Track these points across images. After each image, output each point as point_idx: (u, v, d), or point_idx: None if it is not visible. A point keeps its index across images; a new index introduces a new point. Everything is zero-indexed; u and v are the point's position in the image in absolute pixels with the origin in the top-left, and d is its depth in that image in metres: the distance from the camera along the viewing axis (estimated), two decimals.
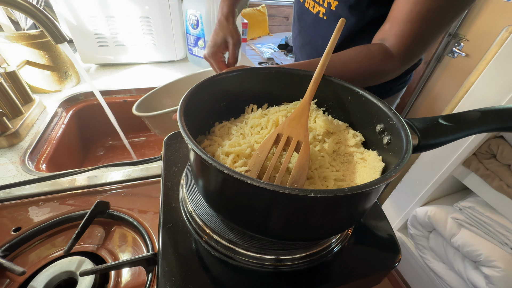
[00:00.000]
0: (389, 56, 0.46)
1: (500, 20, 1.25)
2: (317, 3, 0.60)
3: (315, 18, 0.62)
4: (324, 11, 0.59)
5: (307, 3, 0.64)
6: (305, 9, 0.65)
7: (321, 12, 0.60)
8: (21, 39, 0.74)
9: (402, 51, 0.46)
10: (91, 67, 1.05)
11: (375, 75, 0.48)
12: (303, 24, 0.67)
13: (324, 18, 0.59)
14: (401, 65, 0.48)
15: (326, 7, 0.58)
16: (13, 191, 0.51)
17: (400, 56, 0.46)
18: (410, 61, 0.48)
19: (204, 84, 0.36)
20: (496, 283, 0.81)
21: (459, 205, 0.94)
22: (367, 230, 0.39)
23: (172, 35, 1.04)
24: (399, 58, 0.47)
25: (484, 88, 0.81)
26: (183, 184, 0.40)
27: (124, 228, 0.48)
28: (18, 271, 0.37)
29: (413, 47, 0.46)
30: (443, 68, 1.54)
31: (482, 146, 0.84)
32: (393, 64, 0.47)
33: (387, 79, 0.51)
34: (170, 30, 1.02)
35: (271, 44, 2.91)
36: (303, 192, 0.21)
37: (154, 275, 0.40)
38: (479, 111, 0.33)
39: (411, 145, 0.28)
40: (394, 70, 0.49)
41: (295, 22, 0.72)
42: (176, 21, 1.01)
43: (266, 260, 0.33)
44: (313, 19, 0.63)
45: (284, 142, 0.32)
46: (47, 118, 0.74)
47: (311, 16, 0.63)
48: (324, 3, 0.58)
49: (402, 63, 0.48)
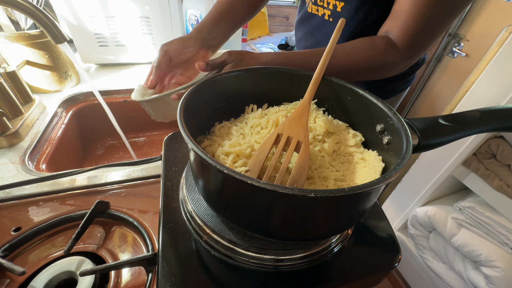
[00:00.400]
0: (394, 48, 0.46)
1: (500, 20, 1.25)
2: (321, 6, 0.60)
3: (321, 20, 0.62)
4: (329, 13, 0.59)
5: (310, 8, 0.64)
6: (309, 14, 0.65)
7: (327, 14, 0.60)
8: (21, 39, 0.74)
9: (407, 43, 0.46)
10: (91, 67, 1.05)
11: (379, 68, 0.48)
12: (308, 27, 0.67)
13: (330, 20, 0.60)
14: (406, 58, 0.48)
15: (332, 9, 0.58)
16: (13, 191, 0.51)
17: (404, 48, 0.46)
18: (414, 54, 0.48)
19: (204, 84, 0.36)
20: (496, 283, 0.81)
21: (459, 205, 0.94)
22: (367, 230, 0.39)
23: (172, 35, 1.04)
24: (404, 51, 0.46)
25: (484, 88, 0.81)
26: (183, 184, 0.40)
27: (124, 228, 0.48)
28: (18, 271, 0.37)
29: (417, 39, 0.46)
30: (443, 68, 1.54)
31: (482, 146, 0.84)
32: (397, 56, 0.47)
33: (392, 73, 0.50)
34: (170, 30, 1.02)
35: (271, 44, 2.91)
36: (303, 192, 0.21)
37: (154, 275, 0.40)
38: (479, 111, 0.33)
39: (411, 145, 0.28)
40: (399, 63, 0.48)
41: (299, 26, 0.72)
42: (176, 21, 1.01)
43: (266, 260, 0.33)
44: (318, 22, 0.63)
45: (284, 142, 0.32)
46: (47, 118, 0.74)
47: (316, 19, 0.63)
48: (329, 5, 0.58)
49: (406, 56, 0.47)
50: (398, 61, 0.48)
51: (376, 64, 0.47)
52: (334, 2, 0.57)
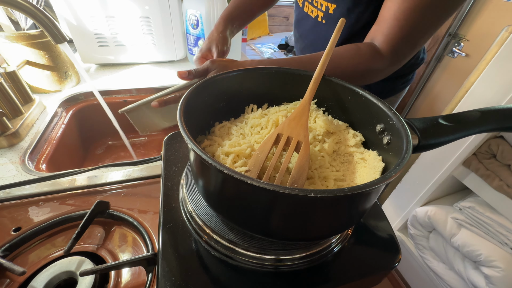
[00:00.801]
0: (378, 55, 0.46)
1: (500, 20, 1.25)
2: (315, 7, 0.61)
3: (314, 22, 0.62)
4: (322, 15, 0.59)
5: (306, 7, 0.64)
6: (305, 14, 0.65)
7: (319, 16, 0.60)
8: (21, 39, 0.74)
9: (390, 49, 0.46)
10: (91, 67, 1.05)
11: (364, 74, 0.48)
12: (303, 29, 0.68)
13: (323, 22, 0.60)
14: (390, 65, 0.48)
15: (324, 11, 0.58)
16: (13, 191, 0.51)
17: (388, 54, 0.46)
18: (398, 60, 0.48)
19: (204, 84, 0.36)
20: (496, 283, 0.81)
21: (459, 205, 0.94)
22: (367, 230, 0.39)
23: (172, 35, 1.04)
24: (388, 57, 0.46)
25: (484, 88, 0.81)
26: (183, 184, 0.40)
27: (124, 228, 0.48)
28: (18, 271, 0.37)
29: (401, 45, 0.46)
30: (443, 68, 1.54)
31: (482, 146, 0.84)
32: (382, 63, 0.47)
33: (377, 79, 0.51)
34: (170, 30, 1.02)
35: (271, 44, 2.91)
36: (303, 192, 0.21)
37: (154, 275, 0.40)
38: (479, 111, 0.33)
39: (411, 145, 0.28)
40: (384, 70, 0.49)
41: (296, 27, 0.72)
42: (176, 21, 1.01)
43: (266, 260, 0.33)
44: (312, 23, 0.63)
45: (284, 142, 0.32)
46: (47, 118, 0.74)
47: (310, 21, 0.64)
48: (322, 7, 0.58)
49: (390, 62, 0.47)
50: (382, 68, 0.48)
51: (361, 71, 0.47)
52: (326, 4, 0.57)
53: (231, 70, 0.39)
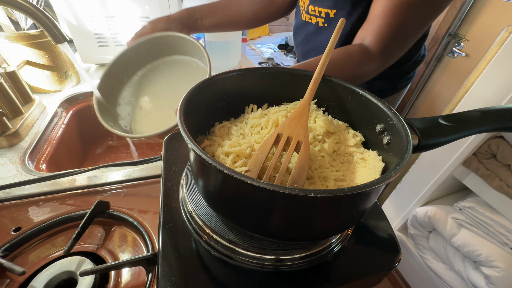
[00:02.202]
0: (368, 56, 0.47)
1: (500, 20, 1.25)
2: (314, 16, 0.61)
3: (316, 27, 0.63)
4: (323, 20, 0.60)
5: (304, 16, 0.65)
6: (303, 22, 0.66)
7: (320, 21, 0.61)
8: (21, 39, 0.74)
9: (381, 48, 0.46)
10: (91, 67, 1.05)
11: (356, 77, 0.49)
12: (305, 33, 0.68)
13: (325, 25, 0.61)
14: (380, 64, 0.48)
15: (325, 16, 0.59)
16: (13, 191, 0.51)
17: (378, 54, 0.46)
18: (388, 58, 0.48)
19: (204, 84, 0.36)
20: (496, 283, 0.81)
21: (459, 205, 0.94)
22: (367, 230, 0.39)
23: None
24: (378, 57, 0.47)
25: (484, 88, 0.81)
26: (183, 184, 0.40)
27: (124, 228, 0.48)
28: (18, 271, 0.37)
29: (391, 43, 0.46)
30: (443, 68, 1.54)
31: (482, 146, 0.84)
32: (372, 64, 0.47)
33: (368, 79, 0.51)
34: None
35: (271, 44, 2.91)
36: (303, 192, 0.21)
37: (154, 275, 0.40)
38: (479, 111, 0.33)
39: (411, 145, 0.28)
40: (375, 70, 0.49)
41: (296, 32, 0.72)
42: None
43: (266, 260, 0.33)
44: (314, 29, 0.64)
45: (284, 142, 0.32)
46: (47, 118, 0.74)
47: (311, 26, 0.64)
48: (321, 14, 0.59)
49: (381, 61, 0.48)
50: (373, 69, 0.48)
51: (353, 74, 0.48)
52: (326, 10, 0.58)
53: (231, 70, 0.39)
